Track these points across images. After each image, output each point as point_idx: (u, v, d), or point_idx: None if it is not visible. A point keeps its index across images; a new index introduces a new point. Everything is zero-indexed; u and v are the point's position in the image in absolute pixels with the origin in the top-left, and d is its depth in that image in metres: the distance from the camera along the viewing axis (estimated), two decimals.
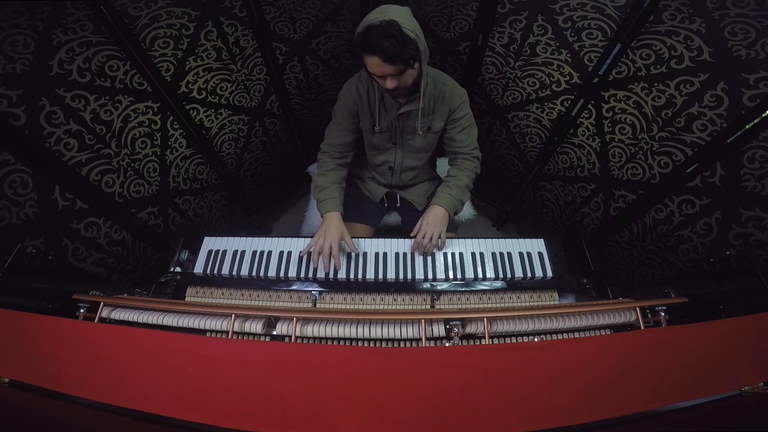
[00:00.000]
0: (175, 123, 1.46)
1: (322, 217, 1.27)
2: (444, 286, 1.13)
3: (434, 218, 1.23)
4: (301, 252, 1.21)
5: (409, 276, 1.19)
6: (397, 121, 1.24)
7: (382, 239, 1.27)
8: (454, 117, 1.27)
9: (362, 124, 1.28)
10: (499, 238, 1.27)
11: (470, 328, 0.87)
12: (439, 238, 1.21)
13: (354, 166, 1.44)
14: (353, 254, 1.22)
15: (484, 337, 0.84)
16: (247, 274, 1.18)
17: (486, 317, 0.84)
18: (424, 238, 1.20)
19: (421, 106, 1.20)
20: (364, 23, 1.01)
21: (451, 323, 0.85)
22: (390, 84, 1.05)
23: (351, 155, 1.36)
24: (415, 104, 1.19)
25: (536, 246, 1.25)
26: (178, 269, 1.20)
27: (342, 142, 1.30)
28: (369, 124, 1.27)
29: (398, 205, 1.56)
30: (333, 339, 0.87)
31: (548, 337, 0.91)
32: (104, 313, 0.89)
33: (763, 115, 1.04)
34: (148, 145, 1.39)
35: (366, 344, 0.87)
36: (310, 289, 1.10)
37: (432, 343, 0.86)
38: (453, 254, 1.23)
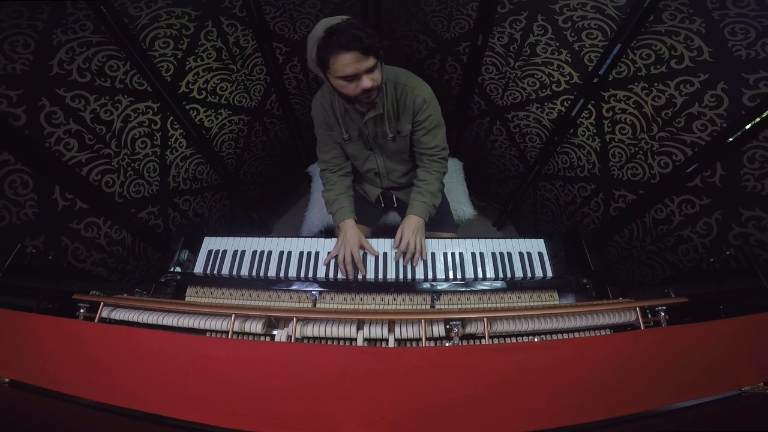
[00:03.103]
0: (175, 123, 1.46)
1: (338, 227, 1.29)
2: (444, 286, 1.13)
3: (414, 227, 1.23)
4: (324, 262, 1.21)
5: (409, 276, 1.19)
6: (366, 128, 1.23)
7: (382, 239, 1.27)
8: (418, 119, 1.23)
9: (335, 137, 1.28)
10: (499, 238, 1.27)
11: (470, 328, 0.87)
12: (421, 246, 1.22)
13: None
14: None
15: (484, 337, 0.84)
16: (247, 274, 1.18)
17: (486, 317, 0.84)
18: (408, 245, 1.20)
19: (385, 110, 1.18)
20: (323, 28, 0.95)
21: (451, 323, 0.85)
22: (368, 82, 1.00)
23: (349, 164, 1.38)
24: (378, 109, 1.16)
25: (536, 246, 1.25)
26: (178, 269, 1.20)
27: (333, 155, 1.31)
28: (340, 136, 1.27)
29: (395, 205, 1.56)
30: (333, 339, 0.87)
31: (548, 337, 0.91)
32: (104, 313, 0.89)
33: (763, 115, 1.04)
34: (148, 145, 1.39)
35: (366, 344, 0.87)
36: (310, 289, 1.10)
37: (432, 343, 0.86)
38: (453, 254, 1.23)
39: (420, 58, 1.76)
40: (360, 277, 1.19)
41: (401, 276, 1.19)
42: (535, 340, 0.90)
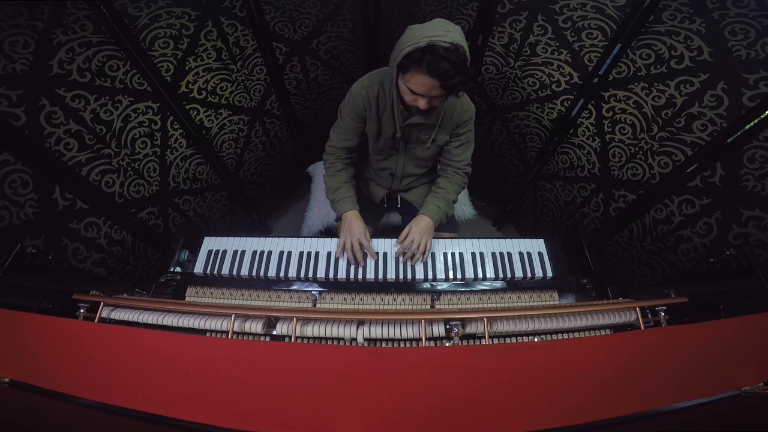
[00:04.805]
0: (175, 123, 1.46)
1: (339, 217, 1.29)
2: (444, 286, 1.13)
3: (423, 227, 1.23)
4: (336, 254, 1.21)
5: (409, 276, 1.19)
6: (403, 130, 1.22)
7: (382, 239, 1.27)
8: (457, 132, 1.25)
9: (368, 129, 1.26)
10: (499, 238, 1.27)
11: (470, 328, 0.87)
12: (425, 247, 1.21)
13: (355, 165, 1.44)
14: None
15: (484, 337, 0.84)
16: (247, 274, 1.18)
17: (486, 317, 0.84)
18: (412, 243, 1.20)
19: (436, 122, 1.19)
20: (426, 38, 0.90)
21: (451, 323, 0.85)
22: (425, 105, 1.01)
23: (356, 156, 1.38)
24: (430, 118, 1.17)
25: (536, 246, 1.25)
26: (178, 269, 1.20)
27: (347, 146, 1.30)
28: (375, 131, 1.25)
29: (399, 205, 1.56)
30: (333, 339, 0.87)
31: (548, 337, 0.91)
32: (104, 313, 0.89)
33: (763, 115, 1.04)
34: (148, 145, 1.39)
35: (366, 344, 0.87)
36: (310, 289, 1.10)
37: (432, 343, 0.86)
38: (453, 254, 1.23)
39: None
40: (372, 262, 1.19)
41: (401, 276, 1.19)
42: (535, 340, 0.90)
